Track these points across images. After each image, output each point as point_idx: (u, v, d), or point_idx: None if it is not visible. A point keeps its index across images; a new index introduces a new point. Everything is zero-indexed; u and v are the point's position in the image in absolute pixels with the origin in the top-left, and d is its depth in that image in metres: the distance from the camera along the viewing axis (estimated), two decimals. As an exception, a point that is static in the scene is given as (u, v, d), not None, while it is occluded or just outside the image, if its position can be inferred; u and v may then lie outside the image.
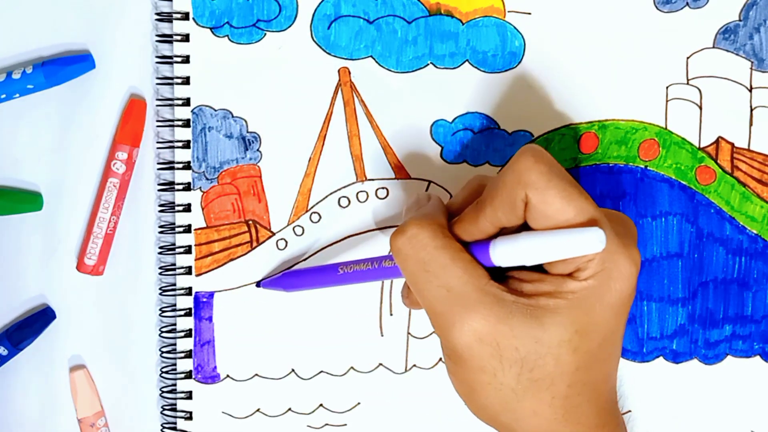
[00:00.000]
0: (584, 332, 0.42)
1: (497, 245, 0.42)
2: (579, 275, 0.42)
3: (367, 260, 0.48)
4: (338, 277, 0.49)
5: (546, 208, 0.41)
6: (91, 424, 0.54)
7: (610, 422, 0.44)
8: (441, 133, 0.54)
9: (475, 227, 0.43)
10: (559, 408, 0.43)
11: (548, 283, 0.42)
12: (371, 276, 0.48)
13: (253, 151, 0.53)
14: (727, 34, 0.54)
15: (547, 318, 0.41)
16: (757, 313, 0.55)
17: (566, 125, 0.54)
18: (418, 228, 0.43)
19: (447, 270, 0.42)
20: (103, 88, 0.53)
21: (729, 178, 0.54)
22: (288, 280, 0.52)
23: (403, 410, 0.55)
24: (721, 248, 0.55)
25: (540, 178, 0.41)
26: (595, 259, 0.41)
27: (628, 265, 0.42)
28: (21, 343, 0.53)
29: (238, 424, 0.54)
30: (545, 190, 0.41)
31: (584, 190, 0.42)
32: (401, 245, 0.43)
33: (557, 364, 0.42)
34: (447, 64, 0.53)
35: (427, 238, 0.43)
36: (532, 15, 0.53)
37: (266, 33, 0.53)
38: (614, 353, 0.44)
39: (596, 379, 0.43)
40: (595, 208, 0.41)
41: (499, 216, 0.42)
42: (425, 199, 0.48)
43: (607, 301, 0.42)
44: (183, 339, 0.53)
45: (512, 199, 0.42)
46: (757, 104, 0.54)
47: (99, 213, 0.53)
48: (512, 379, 0.42)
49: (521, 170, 0.41)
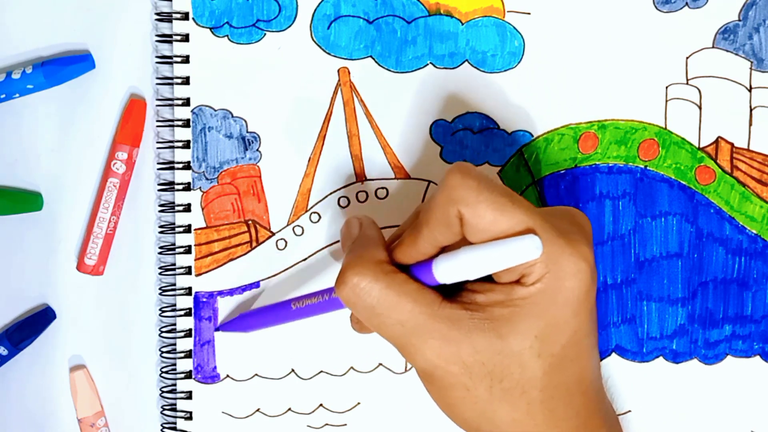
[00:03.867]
0: (544, 336, 0.42)
1: (439, 264, 0.42)
2: (526, 281, 0.42)
3: (318, 293, 0.48)
4: (292, 313, 0.49)
5: (479, 222, 0.41)
6: (91, 424, 0.54)
7: (593, 421, 0.44)
8: (441, 133, 0.54)
9: (415, 250, 0.43)
10: (537, 413, 0.43)
11: (498, 292, 0.42)
12: (324, 308, 0.48)
13: (252, 151, 0.53)
14: (726, 34, 0.54)
15: (504, 329, 0.42)
16: (757, 313, 0.55)
17: (566, 125, 0.54)
18: (357, 276, 0.42)
19: (396, 308, 0.42)
20: (103, 88, 0.53)
21: (729, 178, 0.54)
22: (245, 322, 0.52)
23: (403, 410, 0.55)
24: (721, 248, 0.55)
25: (469, 193, 0.41)
26: (537, 264, 0.41)
27: (575, 262, 0.42)
28: (21, 343, 0.53)
29: (238, 424, 0.54)
30: (476, 205, 0.41)
31: (520, 199, 0.42)
32: (346, 295, 0.43)
33: (524, 372, 0.42)
34: (446, 64, 0.53)
35: (368, 284, 0.42)
36: (531, 15, 0.53)
37: (266, 33, 0.53)
38: (584, 352, 0.44)
39: (568, 380, 0.43)
40: (532, 214, 0.41)
41: (437, 236, 0.43)
42: (356, 227, 0.47)
43: (561, 301, 0.42)
44: (183, 339, 0.53)
45: (446, 217, 0.42)
46: (757, 104, 0.54)
47: (99, 213, 0.53)
48: (485, 391, 0.42)
49: (451, 188, 0.41)
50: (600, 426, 0.45)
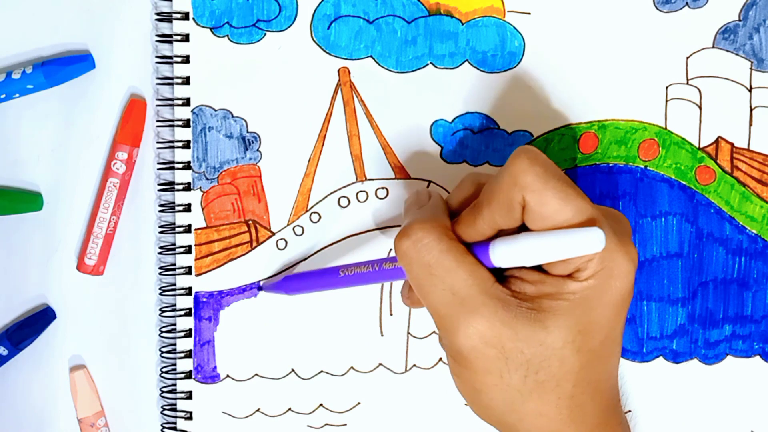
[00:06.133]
0: (587, 332, 0.42)
1: (497, 246, 0.42)
2: (579, 275, 0.42)
3: (368, 263, 0.48)
4: (339, 279, 0.49)
5: (544, 210, 0.41)
6: (91, 424, 0.54)
7: (613, 420, 0.45)
8: (441, 133, 0.54)
9: (473, 230, 0.43)
10: (564, 408, 0.43)
11: (549, 284, 0.42)
12: (372, 278, 0.48)
13: (253, 151, 0.53)
14: (726, 34, 0.54)
15: (550, 321, 0.42)
16: (757, 313, 0.55)
17: (566, 125, 0.54)
18: (423, 231, 0.43)
19: (452, 273, 0.42)
20: (103, 88, 0.53)
21: (729, 178, 0.54)
22: (289, 284, 0.52)
23: (403, 410, 0.55)
24: (721, 248, 0.55)
25: (536, 180, 0.41)
26: (594, 259, 0.41)
27: (626, 263, 0.42)
28: (21, 343, 0.53)
29: (238, 424, 0.54)
30: (542, 192, 0.41)
31: (581, 190, 0.42)
32: (406, 248, 0.43)
33: (562, 365, 0.42)
34: (447, 64, 0.53)
35: (432, 242, 0.42)
36: (531, 15, 0.53)
37: (266, 33, 0.53)
38: (615, 351, 0.44)
39: (599, 377, 0.43)
40: (593, 207, 0.41)
41: (497, 218, 0.42)
42: (425, 196, 0.48)
43: (607, 299, 0.42)
44: (183, 339, 0.53)
45: (509, 201, 0.42)
46: (757, 104, 0.54)
47: (99, 213, 0.53)
48: (518, 380, 0.42)
49: (517, 173, 0.41)
50: (618, 423, 0.45)
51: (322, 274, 0.51)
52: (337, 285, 0.50)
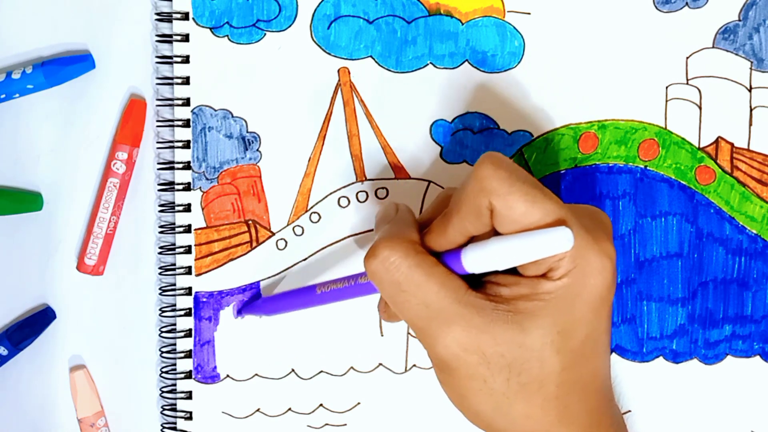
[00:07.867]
0: (565, 332, 0.42)
1: (468, 253, 0.42)
2: (552, 275, 0.42)
3: (343, 279, 0.48)
4: (317, 297, 0.49)
5: (511, 213, 0.41)
6: (91, 424, 0.54)
7: (604, 420, 0.44)
8: (441, 133, 0.54)
9: (444, 238, 0.43)
10: (551, 409, 0.43)
11: (524, 285, 0.42)
12: (349, 293, 0.47)
13: (252, 151, 0.53)
14: (726, 34, 0.54)
15: (527, 322, 0.42)
16: (757, 313, 0.55)
17: (566, 125, 0.54)
18: (388, 250, 0.42)
19: (423, 287, 0.42)
20: (103, 88, 0.53)
21: (729, 178, 0.54)
22: (267, 305, 0.52)
23: (403, 410, 0.55)
24: (721, 248, 0.55)
25: (501, 184, 0.41)
26: (565, 258, 0.41)
27: (600, 260, 0.42)
28: (21, 343, 0.53)
29: (238, 424, 0.54)
30: (508, 196, 0.41)
31: (549, 191, 0.42)
32: (374, 268, 0.43)
33: (543, 367, 0.42)
34: (446, 64, 0.53)
35: (398, 259, 0.42)
36: (531, 15, 0.53)
37: (266, 33, 0.53)
38: (599, 349, 0.44)
39: (584, 377, 0.43)
40: (561, 206, 0.41)
41: (467, 225, 0.42)
42: (393, 210, 0.47)
43: (584, 298, 0.42)
44: (183, 339, 0.53)
45: (477, 207, 0.42)
46: (757, 104, 0.54)
47: (99, 213, 0.53)
48: (502, 384, 0.42)
49: (482, 178, 0.41)
50: (609, 425, 0.45)
51: (300, 293, 0.50)
52: (315, 303, 0.49)
